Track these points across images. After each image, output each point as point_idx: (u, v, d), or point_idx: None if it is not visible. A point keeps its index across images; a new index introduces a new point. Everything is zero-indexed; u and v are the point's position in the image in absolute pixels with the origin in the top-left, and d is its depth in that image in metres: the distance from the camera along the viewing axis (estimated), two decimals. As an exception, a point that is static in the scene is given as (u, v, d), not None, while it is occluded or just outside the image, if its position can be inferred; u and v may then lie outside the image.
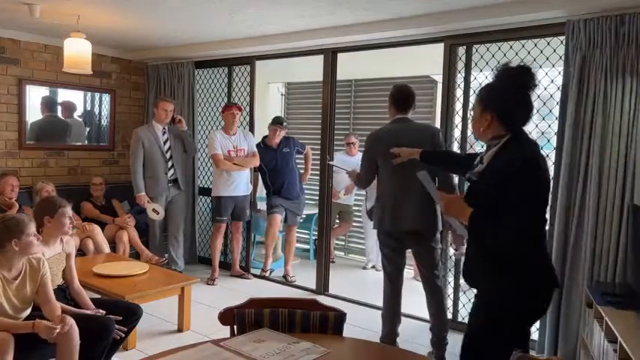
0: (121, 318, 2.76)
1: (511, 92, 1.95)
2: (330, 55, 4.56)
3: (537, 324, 3.52)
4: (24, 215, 2.70)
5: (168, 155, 4.92)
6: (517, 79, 1.95)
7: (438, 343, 3.31)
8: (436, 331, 3.32)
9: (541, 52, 3.52)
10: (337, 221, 6.00)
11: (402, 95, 3.29)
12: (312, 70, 5.23)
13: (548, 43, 3.52)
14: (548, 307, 2.03)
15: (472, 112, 2.07)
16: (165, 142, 4.91)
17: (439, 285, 3.37)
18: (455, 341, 3.28)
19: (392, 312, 3.36)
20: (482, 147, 4.23)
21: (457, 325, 3.81)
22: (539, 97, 3.50)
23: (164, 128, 4.92)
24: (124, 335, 2.80)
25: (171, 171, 4.93)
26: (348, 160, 5.74)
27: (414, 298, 3.90)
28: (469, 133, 3.98)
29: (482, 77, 3.90)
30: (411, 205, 3.14)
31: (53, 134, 5.35)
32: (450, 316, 3.84)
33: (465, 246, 2.15)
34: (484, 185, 1.95)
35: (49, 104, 5.28)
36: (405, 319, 4.12)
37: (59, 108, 5.38)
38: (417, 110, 5.77)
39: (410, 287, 3.62)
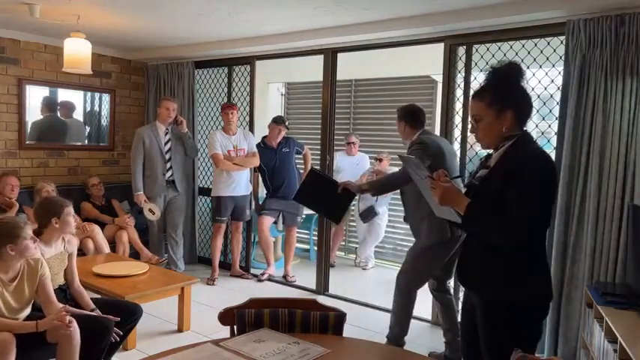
0: (119, 319, 2.75)
1: (522, 87, 1.89)
2: (330, 55, 4.56)
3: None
4: (20, 218, 2.69)
5: (167, 156, 4.91)
6: (517, 75, 1.90)
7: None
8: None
9: (541, 52, 3.53)
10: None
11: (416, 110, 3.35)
12: (312, 70, 5.22)
13: (548, 43, 3.52)
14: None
15: (474, 122, 1.93)
16: (166, 143, 4.91)
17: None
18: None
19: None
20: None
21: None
22: (539, 97, 3.50)
23: (167, 129, 4.92)
24: (119, 339, 2.79)
25: (169, 172, 4.92)
26: (348, 160, 5.74)
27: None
28: (469, 133, 3.98)
29: (482, 77, 3.89)
30: None
31: (53, 134, 5.35)
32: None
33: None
34: (491, 185, 1.84)
35: (49, 104, 5.28)
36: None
37: (58, 108, 5.38)
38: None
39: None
